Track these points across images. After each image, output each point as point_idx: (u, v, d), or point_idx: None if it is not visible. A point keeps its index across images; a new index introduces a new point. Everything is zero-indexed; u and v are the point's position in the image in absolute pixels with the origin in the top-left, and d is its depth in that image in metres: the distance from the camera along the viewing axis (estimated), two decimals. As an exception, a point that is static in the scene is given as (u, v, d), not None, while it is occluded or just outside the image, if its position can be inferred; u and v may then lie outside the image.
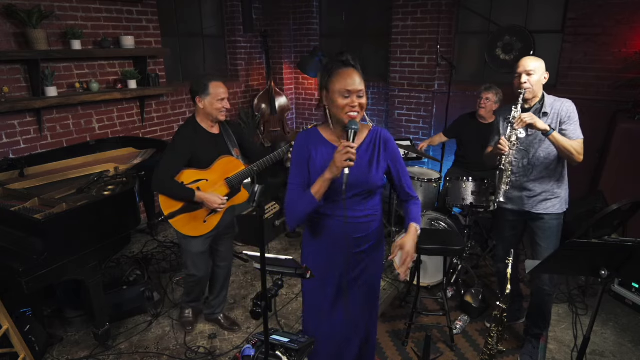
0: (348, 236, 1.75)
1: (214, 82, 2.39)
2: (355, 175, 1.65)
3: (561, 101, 2.33)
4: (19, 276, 2.09)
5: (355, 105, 1.60)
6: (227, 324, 2.90)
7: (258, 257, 1.37)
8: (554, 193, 2.39)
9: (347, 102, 1.60)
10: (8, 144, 3.38)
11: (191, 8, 4.95)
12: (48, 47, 3.37)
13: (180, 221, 2.46)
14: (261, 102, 5.42)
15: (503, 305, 2.11)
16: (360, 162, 1.69)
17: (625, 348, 2.70)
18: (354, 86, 1.60)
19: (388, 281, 3.47)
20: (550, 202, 2.40)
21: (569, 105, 2.31)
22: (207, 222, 2.51)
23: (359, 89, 1.61)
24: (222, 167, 2.49)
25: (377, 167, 1.72)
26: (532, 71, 2.26)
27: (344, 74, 1.61)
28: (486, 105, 3.53)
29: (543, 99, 2.33)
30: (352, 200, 1.72)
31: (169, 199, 2.41)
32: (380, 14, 5.08)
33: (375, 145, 1.75)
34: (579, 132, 2.30)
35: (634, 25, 3.59)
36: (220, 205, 2.42)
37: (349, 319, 1.91)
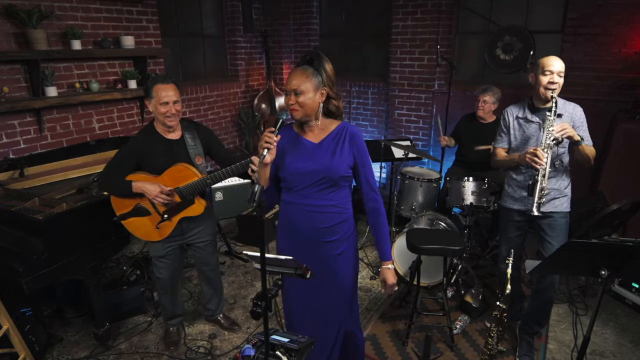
0: (312, 225, 1.83)
1: (160, 84, 2.26)
2: (317, 164, 1.78)
3: (571, 105, 2.34)
4: (19, 276, 2.09)
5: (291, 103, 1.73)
6: (227, 323, 2.89)
7: (258, 257, 1.37)
8: (562, 192, 2.40)
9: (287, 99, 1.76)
10: (8, 144, 3.38)
11: (191, 8, 4.95)
12: (48, 47, 3.37)
13: (132, 224, 2.41)
14: (261, 102, 5.42)
15: (503, 305, 2.11)
16: (325, 152, 1.79)
17: (625, 348, 2.70)
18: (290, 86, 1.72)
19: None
20: (559, 201, 2.40)
21: (580, 111, 2.33)
22: (160, 230, 2.41)
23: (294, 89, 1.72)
24: (174, 175, 2.33)
25: (340, 157, 1.79)
26: (562, 73, 2.26)
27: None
28: (484, 107, 3.57)
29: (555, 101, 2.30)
30: (313, 189, 1.80)
31: (119, 201, 2.37)
32: (380, 14, 5.08)
33: (340, 137, 1.82)
34: (590, 140, 2.33)
35: (634, 25, 3.59)
36: (158, 197, 2.24)
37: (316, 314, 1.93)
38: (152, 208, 2.37)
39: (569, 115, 2.30)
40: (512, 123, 2.46)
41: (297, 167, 1.79)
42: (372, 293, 3.33)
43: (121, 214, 2.39)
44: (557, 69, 2.25)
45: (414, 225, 3.35)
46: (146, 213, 2.38)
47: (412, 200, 3.73)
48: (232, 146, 5.51)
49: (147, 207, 2.36)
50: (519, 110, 2.44)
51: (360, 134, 1.86)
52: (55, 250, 2.23)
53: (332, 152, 1.80)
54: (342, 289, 1.95)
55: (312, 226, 1.84)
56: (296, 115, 1.76)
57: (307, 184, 1.80)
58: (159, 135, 2.37)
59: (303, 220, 1.84)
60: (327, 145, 1.81)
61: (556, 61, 2.27)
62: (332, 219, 1.84)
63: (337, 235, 1.87)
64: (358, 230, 4.34)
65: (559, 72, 2.25)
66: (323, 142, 1.81)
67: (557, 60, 2.27)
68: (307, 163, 1.78)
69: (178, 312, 2.77)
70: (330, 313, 1.95)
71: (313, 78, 1.72)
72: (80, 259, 2.38)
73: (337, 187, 1.83)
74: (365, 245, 4.08)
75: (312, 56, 1.74)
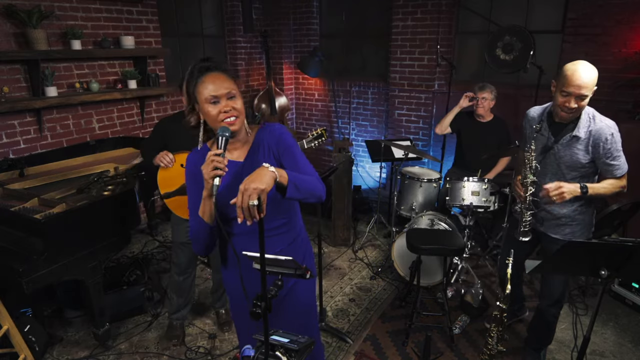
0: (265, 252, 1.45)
1: None
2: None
3: (600, 124, 1.97)
4: (19, 276, 2.09)
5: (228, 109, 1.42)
6: (220, 320, 2.94)
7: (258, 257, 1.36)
8: (575, 218, 2.14)
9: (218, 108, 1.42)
10: (8, 144, 3.38)
11: (191, 8, 4.95)
12: (48, 47, 3.37)
13: (174, 202, 2.50)
14: (261, 102, 5.42)
15: (503, 305, 2.11)
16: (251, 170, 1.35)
17: (625, 348, 2.70)
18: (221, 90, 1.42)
19: (388, 281, 3.47)
20: (569, 228, 2.15)
21: (609, 134, 1.95)
22: None
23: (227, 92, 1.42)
24: None
25: None
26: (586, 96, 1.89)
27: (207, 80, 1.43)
28: (484, 104, 3.53)
29: (579, 117, 2.00)
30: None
31: (165, 179, 2.46)
32: (380, 14, 5.08)
33: (263, 145, 1.54)
34: (625, 165, 2.02)
35: (634, 25, 3.59)
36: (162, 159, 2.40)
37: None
38: None
39: (590, 137, 1.97)
40: (529, 129, 2.24)
41: (232, 195, 1.33)
42: (372, 293, 3.33)
43: (166, 193, 2.48)
44: (579, 90, 1.86)
45: (414, 225, 3.35)
46: None
47: (412, 200, 3.73)
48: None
49: None
50: (538, 116, 2.18)
51: (281, 128, 1.57)
52: (55, 250, 2.23)
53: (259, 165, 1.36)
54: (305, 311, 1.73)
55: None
56: (237, 125, 1.44)
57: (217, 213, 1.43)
58: None
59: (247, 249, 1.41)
60: (252, 159, 1.52)
61: (581, 79, 1.85)
62: (282, 242, 1.58)
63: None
64: (358, 231, 4.36)
65: (580, 95, 1.87)
66: (247, 158, 1.53)
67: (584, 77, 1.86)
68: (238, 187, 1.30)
69: (183, 307, 2.81)
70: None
71: (233, 79, 1.46)
72: (80, 259, 2.38)
73: (277, 203, 1.52)
74: (365, 245, 4.08)
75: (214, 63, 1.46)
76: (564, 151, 2.07)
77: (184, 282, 2.73)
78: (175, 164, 2.45)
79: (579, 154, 2.04)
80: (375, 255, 3.93)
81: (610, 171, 2.03)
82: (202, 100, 1.44)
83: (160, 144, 2.52)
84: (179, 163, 2.45)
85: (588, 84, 1.88)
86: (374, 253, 3.96)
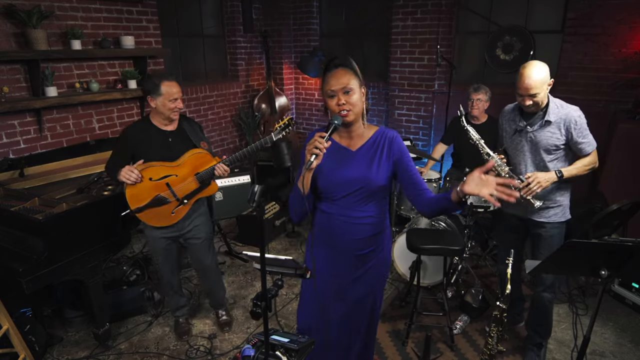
0: (347, 237, 1.75)
1: (166, 81, 2.36)
2: (354, 173, 1.69)
3: (567, 109, 2.20)
4: (19, 276, 2.09)
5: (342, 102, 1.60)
6: (220, 321, 2.93)
7: (258, 257, 1.37)
8: (556, 201, 2.32)
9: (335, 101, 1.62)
10: (8, 144, 3.38)
11: (191, 8, 4.95)
12: (48, 47, 3.37)
13: (146, 214, 2.45)
14: (261, 102, 5.42)
15: (503, 306, 2.11)
16: (360, 162, 1.70)
17: (625, 348, 2.70)
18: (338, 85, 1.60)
19: (388, 281, 3.47)
20: (553, 211, 2.33)
21: (577, 115, 2.18)
22: (176, 214, 2.51)
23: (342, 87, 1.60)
24: (193, 161, 2.47)
25: (377, 166, 1.70)
26: (537, 94, 2.12)
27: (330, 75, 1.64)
28: (478, 105, 3.50)
29: (547, 106, 2.22)
30: (350, 200, 1.71)
31: (135, 194, 2.39)
32: (380, 14, 5.08)
33: (379, 145, 1.72)
34: (593, 141, 2.22)
35: (634, 25, 3.59)
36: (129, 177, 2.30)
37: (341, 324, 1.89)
38: (171, 196, 2.45)
39: (560, 120, 2.19)
40: (504, 124, 2.45)
41: (334, 175, 1.69)
42: (372, 293, 3.33)
43: (137, 207, 2.41)
44: (527, 92, 2.12)
45: (414, 225, 3.35)
46: (166, 202, 2.44)
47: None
48: (232, 146, 5.51)
49: (167, 196, 2.44)
50: (512, 110, 2.40)
51: (399, 136, 1.76)
52: (55, 250, 2.23)
53: (370, 160, 1.70)
54: (371, 297, 1.90)
55: (347, 237, 1.75)
56: (349, 117, 1.62)
57: (344, 193, 1.70)
58: (155, 127, 2.46)
59: (338, 230, 1.75)
60: (364, 152, 1.71)
61: (526, 80, 2.10)
62: (368, 231, 1.76)
63: (371, 247, 1.80)
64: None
65: (530, 96, 2.13)
66: (361, 149, 1.72)
67: (528, 78, 2.10)
68: (345, 172, 1.69)
69: (182, 303, 2.84)
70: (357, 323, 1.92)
71: (355, 76, 1.63)
72: (80, 259, 2.38)
73: (374, 198, 1.73)
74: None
75: (340, 60, 1.65)
76: (540, 136, 2.25)
77: (173, 282, 2.76)
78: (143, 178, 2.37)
79: (554, 137, 2.22)
80: (375, 255, 3.93)
81: (582, 149, 2.22)
82: (324, 93, 1.65)
83: (127, 157, 2.43)
84: (147, 177, 2.38)
85: (535, 85, 2.10)
86: (374, 253, 3.95)
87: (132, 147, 2.42)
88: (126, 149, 2.43)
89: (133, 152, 2.43)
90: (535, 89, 2.10)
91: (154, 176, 2.40)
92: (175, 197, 2.45)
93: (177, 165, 2.44)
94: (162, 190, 2.42)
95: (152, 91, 2.37)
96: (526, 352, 2.59)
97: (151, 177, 2.39)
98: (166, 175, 2.42)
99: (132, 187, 2.37)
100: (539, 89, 2.11)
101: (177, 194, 2.45)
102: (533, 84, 2.10)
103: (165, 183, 2.42)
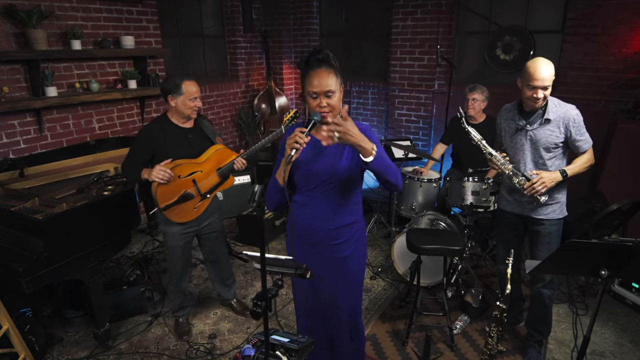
0: (321, 226, 1.82)
1: (187, 81, 2.43)
2: (324, 164, 1.75)
3: (565, 107, 2.25)
4: (19, 276, 2.09)
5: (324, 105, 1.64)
6: (239, 308, 3.03)
7: (258, 257, 1.37)
8: (554, 198, 2.35)
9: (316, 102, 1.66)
10: (8, 144, 3.38)
11: (191, 8, 4.95)
12: (48, 47, 3.37)
13: (172, 211, 2.51)
14: (261, 102, 5.42)
15: (503, 305, 2.11)
16: (334, 152, 1.76)
17: (625, 348, 2.70)
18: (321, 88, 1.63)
19: (388, 281, 3.47)
20: (551, 207, 2.36)
21: (575, 113, 2.23)
22: (197, 209, 2.60)
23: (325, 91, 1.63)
24: (216, 157, 2.59)
25: (349, 157, 1.75)
26: (548, 86, 2.16)
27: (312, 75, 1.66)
28: (474, 105, 3.50)
29: (546, 104, 2.26)
30: (321, 190, 1.78)
31: (165, 193, 2.45)
32: (380, 14, 5.08)
33: None
34: (589, 139, 2.28)
35: (634, 25, 3.59)
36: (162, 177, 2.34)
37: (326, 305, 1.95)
38: (195, 191, 2.54)
39: (559, 118, 2.23)
40: (502, 124, 2.47)
41: (308, 168, 1.76)
42: (372, 293, 3.33)
43: (165, 205, 2.46)
44: (542, 83, 2.14)
45: (414, 225, 3.35)
46: (191, 197, 2.53)
47: (412, 200, 3.73)
48: (232, 146, 5.51)
49: (192, 192, 2.53)
50: (510, 109, 2.42)
51: (369, 128, 1.80)
52: (55, 250, 2.23)
53: (342, 151, 1.76)
54: (350, 290, 1.95)
55: (320, 227, 1.82)
56: (329, 117, 1.65)
57: (315, 184, 1.78)
58: (174, 125, 2.52)
59: (312, 220, 1.82)
60: (336, 145, 1.75)
61: (541, 71, 2.14)
62: (341, 220, 1.82)
63: (345, 237, 1.85)
64: (358, 230, 4.35)
65: (543, 87, 2.15)
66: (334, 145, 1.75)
67: (543, 70, 2.14)
68: (317, 163, 1.76)
69: (186, 304, 2.86)
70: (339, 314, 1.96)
71: (336, 78, 1.66)
72: (80, 259, 2.38)
73: (347, 188, 1.79)
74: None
75: (323, 56, 1.67)
76: (540, 134, 2.28)
77: (180, 285, 2.78)
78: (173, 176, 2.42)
79: (553, 135, 2.25)
80: (375, 255, 3.93)
81: (580, 146, 2.27)
82: (306, 91, 1.69)
83: (145, 157, 2.47)
84: (177, 175, 2.43)
85: (549, 77, 2.16)
86: (374, 253, 3.96)
87: (153, 146, 2.47)
88: (146, 149, 2.47)
89: (153, 151, 2.47)
90: (548, 81, 2.15)
91: (182, 173, 2.48)
92: (199, 193, 2.55)
93: (202, 162, 2.54)
94: (189, 187, 2.51)
95: (172, 90, 2.43)
96: (527, 349, 2.60)
97: (180, 174, 2.47)
98: (193, 172, 2.51)
99: (163, 186, 2.42)
100: (550, 81, 2.16)
101: (200, 190, 2.55)
102: (548, 76, 2.14)
103: (192, 180, 2.51)
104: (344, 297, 1.95)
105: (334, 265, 1.88)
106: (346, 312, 1.99)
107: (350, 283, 1.95)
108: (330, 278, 1.89)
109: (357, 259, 1.93)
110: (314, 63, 1.66)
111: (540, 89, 2.16)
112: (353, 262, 1.92)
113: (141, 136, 2.50)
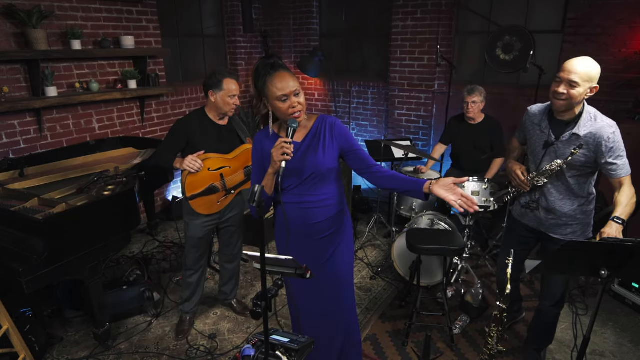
0: (307, 222, 1.85)
1: (229, 78, 2.54)
2: (303, 162, 1.79)
3: (601, 124, 1.95)
4: (19, 276, 2.09)
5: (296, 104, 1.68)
6: (239, 308, 3.05)
7: (258, 257, 1.37)
8: (576, 218, 2.14)
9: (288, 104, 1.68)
10: (8, 144, 3.38)
11: (191, 8, 4.95)
12: (48, 47, 3.37)
13: (197, 202, 2.58)
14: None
15: (503, 306, 2.11)
16: (307, 150, 1.80)
17: (625, 348, 2.70)
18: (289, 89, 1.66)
19: (388, 281, 3.47)
20: (570, 228, 2.15)
21: (610, 132, 1.92)
22: (220, 203, 2.67)
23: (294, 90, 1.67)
24: (245, 156, 2.66)
25: (323, 151, 1.80)
26: (576, 84, 1.87)
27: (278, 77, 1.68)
28: (473, 107, 3.53)
29: (580, 116, 1.98)
30: (304, 187, 1.81)
31: (193, 183, 2.52)
32: (380, 14, 5.08)
33: (321, 132, 1.82)
34: (628, 166, 1.97)
35: (634, 25, 3.59)
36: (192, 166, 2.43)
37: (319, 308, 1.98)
38: (221, 185, 2.62)
39: (591, 136, 1.94)
40: (527, 125, 2.25)
41: (288, 168, 1.76)
42: (372, 293, 3.33)
43: (192, 195, 2.53)
44: (568, 76, 1.88)
45: (414, 225, 3.35)
46: (217, 191, 2.60)
47: (412, 200, 3.73)
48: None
49: (219, 185, 2.61)
50: (538, 115, 2.18)
51: (338, 121, 1.87)
52: (55, 250, 2.23)
53: (316, 147, 1.81)
54: (341, 282, 1.99)
55: (305, 222, 1.85)
56: (302, 116, 1.73)
57: (297, 182, 1.81)
58: (211, 120, 2.60)
59: (296, 218, 1.85)
60: (309, 141, 1.82)
61: (573, 65, 1.89)
62: (326, 213, 1.86)
63: (331, 230, 1.89)
64: (358, 231, 4.35)
65: (569, 81, 1.88)
66: (306, 139, 1.82)
67: (576, 65, 1.88)
68: (295, 163, 1.78)
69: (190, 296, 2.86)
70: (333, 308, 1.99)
71: (294, 76, 1.71)
72: (80, 259, 2.38)
73: (326, 181, 1.83)
74: (365, 245, 4.08)
75: (275, 60, 1.72)
76: (564, 149, 2.05)
77: (191, 277, 2.81)
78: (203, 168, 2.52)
79: (579, 153, 2.01)
80: (375, 255, 3.93)
81: (614, 170, 1.97)
82: (272, 97, 1.69)
83: (180, 146, 2.56)
84: (206, 167, 2.52)
85: (579, 71, 1.88)
86: (374, 253, 3.96)
87: (189, 136, 2.54)
88: (182, 137, 2.54)
89: (188, 140, 2.54)
90: (577, 76, 1.87)
91: (211, 166, 2.55)
92: (225, 187, 2.62)
93: (232, 158, 2.62)
94: (216, 180, 2.58)
95: (214, 86, 2.50)
96: (527, 352, 2.56)
97: (209, 167, 2.53)
98: (222, 167, 2.59)
99: (192, 175, 2.48)
100: (580, 78, 1.88)
101: (227, 185, 2.62)
102: (576, 69, 1.88)
103: (220, 174, 2.58)
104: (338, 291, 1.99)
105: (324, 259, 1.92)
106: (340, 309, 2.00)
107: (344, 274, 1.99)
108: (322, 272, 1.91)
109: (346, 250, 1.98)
110: (270, 70, 1.69)
111: (564, 83, 1.89)
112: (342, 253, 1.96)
113: (177, 126, 2.57)
